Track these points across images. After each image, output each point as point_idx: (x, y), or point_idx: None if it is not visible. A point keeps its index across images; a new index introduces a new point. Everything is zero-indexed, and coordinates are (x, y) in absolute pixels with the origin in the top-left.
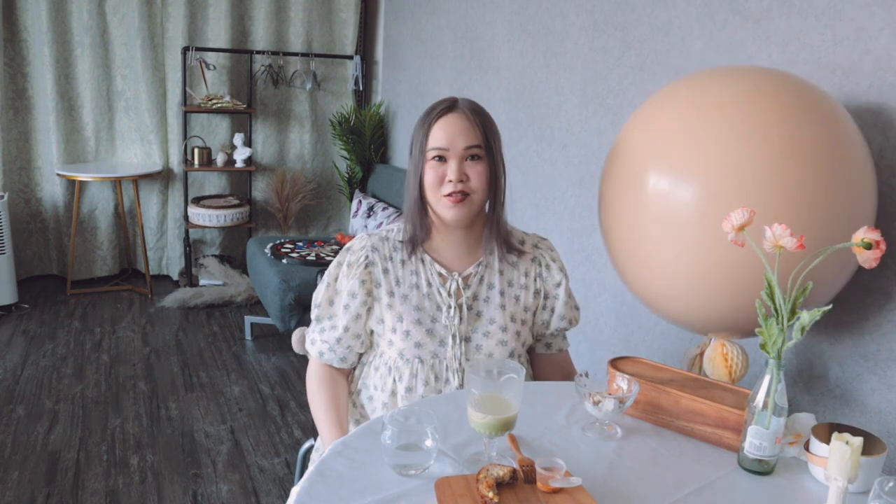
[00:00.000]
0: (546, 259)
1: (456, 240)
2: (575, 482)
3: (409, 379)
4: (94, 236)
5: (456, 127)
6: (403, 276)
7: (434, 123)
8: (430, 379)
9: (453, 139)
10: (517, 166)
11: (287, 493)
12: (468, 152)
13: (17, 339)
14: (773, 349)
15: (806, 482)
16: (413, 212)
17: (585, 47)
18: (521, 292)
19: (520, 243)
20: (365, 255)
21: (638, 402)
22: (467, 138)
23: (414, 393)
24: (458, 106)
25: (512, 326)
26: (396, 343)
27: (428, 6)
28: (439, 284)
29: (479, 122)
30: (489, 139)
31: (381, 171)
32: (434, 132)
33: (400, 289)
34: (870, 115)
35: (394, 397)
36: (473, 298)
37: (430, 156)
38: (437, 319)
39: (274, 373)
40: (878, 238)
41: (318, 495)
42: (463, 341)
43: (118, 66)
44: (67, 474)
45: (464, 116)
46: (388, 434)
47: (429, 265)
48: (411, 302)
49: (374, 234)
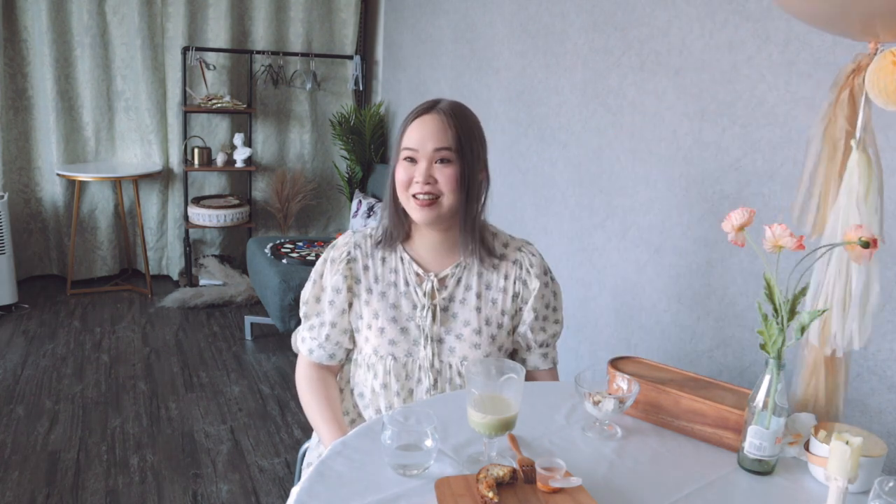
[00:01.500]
0: (526, 263)
1: (433, 241)
2: (575, 482)
3: (383, 375)
4: (94, 236)
5: (428, 129)
6: (382, 274)
7: (410, 124)
8: (401, 376)
9: (423, 141)
10: (517, 166)
11: (287, 493)
12: (438, 154)
13: (17, 339)
14: (773, 349)
15: (806, 482)
16: (390, 209)
17: (585, 47)
18: (500, 295)
19: (503, 246)
20: (347, 251)
21: (638, 402)
22: (437, 140)
23: (389, 390)
24: (436, 107)
25: (486, 330)
26: (371, 339)
27: (428, 6)
28: (416, 284)
29: (453, 125)
30: (462, 142)
31: (381, 171)
32: (408, 132)
33: (378, 286)
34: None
35: (374, 394)
36: (449, 300)
37: (402, 156)
38: (412, 318)
39: (274, 373)
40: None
41: (318, 495)
42: (435, 342)
43: (118, 66)
44: (67, 474)
45: (438, 118)
46: (388, 434)
47: (407, 264)
48: (388, 300)
49: (358, 231)
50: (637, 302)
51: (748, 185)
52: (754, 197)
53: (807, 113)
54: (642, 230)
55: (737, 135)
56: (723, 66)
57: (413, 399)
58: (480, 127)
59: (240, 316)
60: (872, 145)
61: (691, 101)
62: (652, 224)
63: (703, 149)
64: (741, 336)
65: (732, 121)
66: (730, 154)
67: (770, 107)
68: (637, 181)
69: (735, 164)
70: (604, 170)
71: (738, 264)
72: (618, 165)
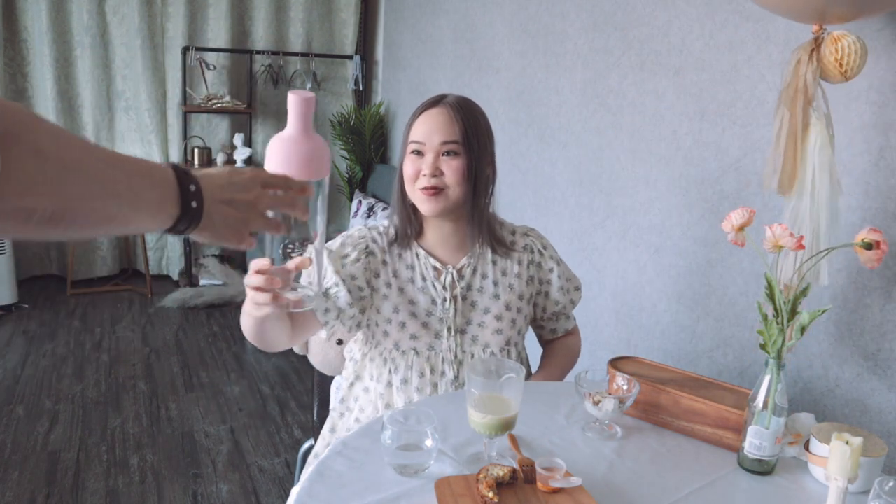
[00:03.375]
0: (538, 245)
1: (445, 233)
2: (575, 482)
3: (404, 370)
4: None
5: (435, 122)
6: (400, 269)
7: (417, 118)
8: (425, 371)
9: (430, 134)
10: (517, 166)
11: (287, 493)
12: (444, 147)
13: (17, 339)
14: (773, 349)
15: (806, 482)
16: (399, 206)
17: (585, 47)
18: (516, 281)
19: (510, 234)
20: (365, 244)
21: (638, 402)
22: (444, 134)
23: (410, 385)
24: (443, 101)
25: (507, 315)
26: (392, 334)
27: (428, 6)
28: (434, 279)
29: (460, 118)
30: (469, 135)
31: (381, 171)
32: (415, 126)
33: (397, 281)
34: (869, 115)
35: (389, 388)
36: (468, 289)
37: (409, 149)
38: (433, 313)
39: (274, 373)
40: (880, 238)
41: (318, 495)
42: (458, 333)
43: (118, 66)
44: (67, 474)
45: (445, 112)
46: (388, 434)
47: (423, 260)
48: (406, 295)
49: (372, 227)
50: (637, 302)
51: (748, 185)
52: (754, 197)
53: None
54: (642, 230)
55: (737, 135)
56: (723, 66)
57: (437, 393)
58: (487, 120)
59: (240, 316)
60: (826, 111)
61: (691, 101)
62: (652, 224)
63: (703, 149)
64: (741, 336)
65: (732, 121)
66: (730, 154)
67: (770, 107)
68: (637, 181)
69: (735, 164)
70: (604, 170)
71: (738, 264)
72: (618, 165)
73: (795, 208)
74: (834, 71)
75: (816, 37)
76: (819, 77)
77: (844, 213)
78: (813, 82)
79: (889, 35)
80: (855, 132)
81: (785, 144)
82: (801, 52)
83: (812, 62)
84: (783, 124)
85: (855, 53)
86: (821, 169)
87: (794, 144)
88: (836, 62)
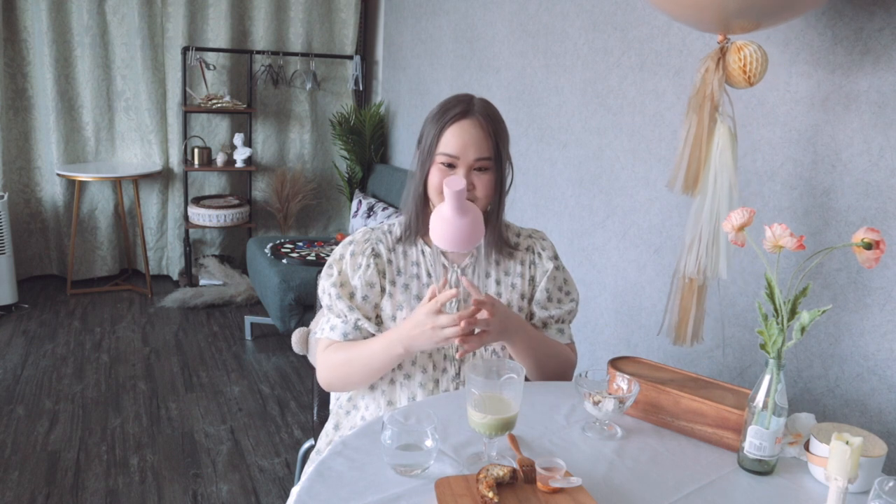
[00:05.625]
0: (538, 247)
1: None
2: (575, 482)
3: (407, 366)
4: (94, 236)
5: (469, 136)
6: (405, 267)
7: (448, 127)
8: (427, 367)
9: (465, 149)
10: (517, 166)
11: (287, 493)
12: (478, 164)
13: (17, 339)
14: (773, 349)
15: (806, 482)
16: (415, 203)
17: (585, 47)
18: (518, 280)
19: (515, 235)
20: (370, 246)
21: (638, 402)
22: (479, 150)
23: (412, 380)
24: (473, 111)
25: None
26: None
27: (428, 6)
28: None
29: (492, 132)
30: (500, 149)
31: (381, 171)
32: (446, 137)
33: (401, 278)
34: (870, 115)
35: (392, 385)
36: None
37: (439, 159)
38: None
39: (274, 373)
40: (879, 238)
41: (318, 495)
42: None
43: (118, 66)
44: (67, 474)
45: (478, 124)
46: (388, 434)
47: (429, 257)
48: (411, 291)
49: (375, 228)
50: (637, 302)
51: (748, 185)
52: (754, 197)
53: (807, 113)
54: (642, 230)
55: (737, 135)
56: None
57: (439, 390)
58: (506, 124)
59: (240, 316)
60: (731, 115)
61: None
62: (652, 224)
63: None
64: (741, 336)
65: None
66: None
67: (770, 107)
68: (637, 181)
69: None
70: (604, 170)
71: (738, 264)
72: (618, 165)
73: (699, 207)
74: (739, 77)
75: (721, 46)
76: (725, 83)
77: (843, 213)
78: (719, 89)
79: (888, 35)
80: (855, 132)
81: (691, 147)
82: (709, 60)
83: (719, 70)
84: (690, 128)
85: (757, 61)
86: (722, 170)
87: (699, 147)
88: (741, 69)
